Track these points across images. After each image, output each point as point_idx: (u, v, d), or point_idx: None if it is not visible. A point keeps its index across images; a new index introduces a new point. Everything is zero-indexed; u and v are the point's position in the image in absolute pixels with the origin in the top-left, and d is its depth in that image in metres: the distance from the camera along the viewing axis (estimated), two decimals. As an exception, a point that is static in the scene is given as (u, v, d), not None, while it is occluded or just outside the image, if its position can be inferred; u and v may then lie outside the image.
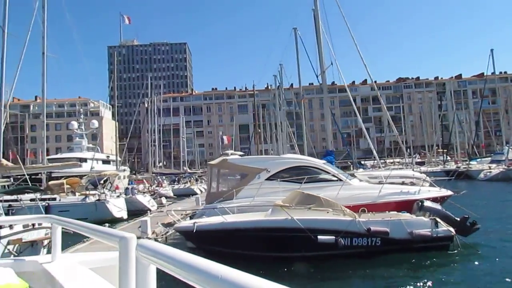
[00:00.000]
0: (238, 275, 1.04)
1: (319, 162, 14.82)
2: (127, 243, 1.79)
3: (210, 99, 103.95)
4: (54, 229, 3.27)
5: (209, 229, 11.01)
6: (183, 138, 68.22)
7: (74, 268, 2.99)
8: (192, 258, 1.25)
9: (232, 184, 14.84)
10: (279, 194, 13.61)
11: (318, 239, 10.56)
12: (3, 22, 25.03)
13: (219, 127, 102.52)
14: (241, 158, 15.73)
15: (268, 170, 14.17)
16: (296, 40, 32.30)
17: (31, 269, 3.10)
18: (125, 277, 1.77)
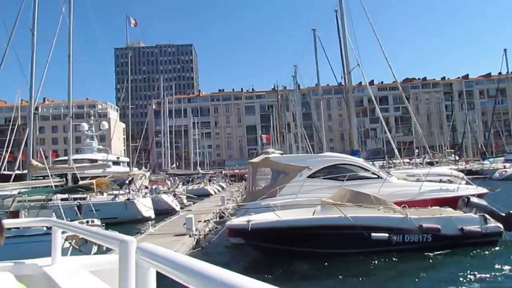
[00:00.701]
0: (237, 278, 1.04)
1: (359, 160, 15.16)
2: (126, 246, 1.79)
3: (217, 100, 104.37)
4: (54, 232, 3.21)
5: (264, 226, 11.25)
6: (194, 137, 68.49)
7: (74, 271, 2.94)
8: (192, 261, 1.25)
9: (272, 182, 15.12)
10: (322, 191, 13.90)
11: (372, 236, 10.83)
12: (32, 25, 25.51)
13: (227, 128, 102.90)
14: (282, 156, 16.05)
15: (310, 168, 14.45)
16: (314, 41, 32.69)
17: (31, 272, 3.04)
18: (125, 280, 1.77)
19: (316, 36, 32.52)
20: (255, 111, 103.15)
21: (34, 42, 25.61)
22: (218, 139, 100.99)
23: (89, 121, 69.90)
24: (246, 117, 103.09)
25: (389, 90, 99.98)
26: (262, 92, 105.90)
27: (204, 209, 23.29)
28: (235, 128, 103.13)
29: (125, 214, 22.48)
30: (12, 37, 26.35)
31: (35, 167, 25.32)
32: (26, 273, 3.01)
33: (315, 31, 32.88)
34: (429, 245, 11.06)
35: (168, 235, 14.53)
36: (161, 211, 25.65)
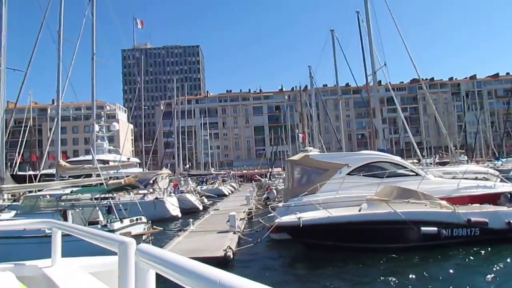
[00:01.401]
0: (237, 280, 1.04)
1: (397, 158, 15.47)
2: (126, 248, 1.80)
3: (225, 101, 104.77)
4: (54, 233, 3.22)
5: (316, 223, 11.57)
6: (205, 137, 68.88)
7: (73, 272, 2.96)
8: (191, 263, 1.25)
9: (310, 179, 15.43)
10: (361, 188, 14.21)
11: (422, 231, 11.14)
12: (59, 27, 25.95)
13: (234, 129, 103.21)
14: (322, 154, 16.38)
15: (349, 165, 14.77)
16: (333, 42, 32.99)
17: (31, 273, 3.07)
18: (125, 282, 1.77)
19: (334, 37, 32.81)
20: (263, 112, 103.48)
21: (60, 44, 26.04)
22: (226, 139, 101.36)
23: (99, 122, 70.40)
24: (254, 117, 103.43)
25: (397, 91, 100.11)
26: (269, 93, 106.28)
27: (232, 208, 23.63)
28: (243, 128, 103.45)
29: (154, 213, 22.77)
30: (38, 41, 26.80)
31: (63, 167, 25.72)
32: (26, 274, 3.04)
33: (333, 31, 33.21)
34: (477, 239, 11.36)
35: (211, 232, 14.88)
36: (186, 210, 26.01)
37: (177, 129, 67.38)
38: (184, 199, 27.22)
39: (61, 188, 16.19)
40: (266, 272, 10.96)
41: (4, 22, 16.04)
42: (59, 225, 3.25)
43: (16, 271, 2.94)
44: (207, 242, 13.01)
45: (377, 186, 13.89)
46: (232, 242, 12.69)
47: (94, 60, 29.95)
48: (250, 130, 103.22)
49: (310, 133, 74.76)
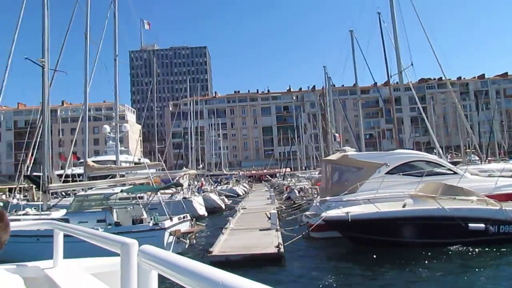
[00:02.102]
0: (239, 281, 1.05)
1: (434, 157, 15.69)
2: (128, 249, 1.80)
3: (233, 102, 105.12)
4: (56, 234, 3.21)
5: (365, 218, 11.84)
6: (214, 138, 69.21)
7: (75, 273, 2.95)
8: (193, 264, 1.25)
9: (348, 179, 15.68)
10: (401, 187, 14.45)
11: (469, 227, 11.38)
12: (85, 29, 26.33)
13: (243, 129, 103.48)
14: (360, 153, 16.64)
15: (388, 164, 15.03)
16: (352, 42, 33.19)
17: (33, 274, 3.06)
18: (127, 283, 1.77)
19: (353, 37, 33.01)
20: (271, 112, 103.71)
21: (87, 45, 26.43)
22: (234, 140, 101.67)
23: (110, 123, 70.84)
24: (262, 118, 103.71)
25: (405, 91, 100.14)
26: (277, 93, 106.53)
27: (258, 207, 23.95)
28: (251, 129, 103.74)
29: (182, 212, 23.14)
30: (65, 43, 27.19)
31: (91, 167, 26.08)
32: (28, 275, 3.02)
33: (352, 32, 33.40)
34: (523, 236, 11.59)
35: (252, 230, 15.17)
36: (210, 209, 26.33)
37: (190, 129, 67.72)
38: (209, 199, 27.54)
39: (108, 187, 16.49)
40: (319, 268, 11.25)
41: (46, 25, 16.37)
42: (60, 226, 3.20)
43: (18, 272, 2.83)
44: (253, 239, 13.29)
45: (416, 185, 14.14)
46: (278, 239, 12.96)
47: (116, 62, 30.29)
48: (259, 130, 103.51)
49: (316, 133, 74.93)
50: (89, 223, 13.03)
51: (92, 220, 13.11)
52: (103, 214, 13.25)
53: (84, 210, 13.82)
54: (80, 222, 13.06)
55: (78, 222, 13.10)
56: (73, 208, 13.99)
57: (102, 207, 13.96)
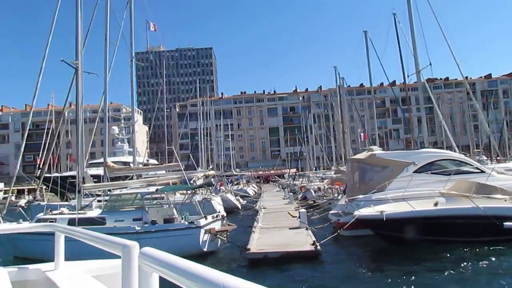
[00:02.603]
0: (240, 283, 1.05)
1: (461, 155, 15.80)
2: (129, 251, 1.79)
3: (239, 102, 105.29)
4: (57, 237, 3.20)
5: (399, 217, 11.98)
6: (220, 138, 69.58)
7: (77, 276, 2.96)
8: (194, 266, 1.25)
9: (375, 178, 15.82)
10: (428, 185, 14.58)
11: (504, 225, 11.50)
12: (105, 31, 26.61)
13: (249, 130, 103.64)
14: (388, 152, 16.81)
15: (415, 163, 15.17)
16: (366, 43, 33.39)
17: (34, 277, 3.07)
18: (128, 285, 1.77)
19: (367, 38, 33.21)
20: (278, 113, 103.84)
21: (107, 47, 26.70)
22: (241, 141, 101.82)
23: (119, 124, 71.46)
24: (269, 119, 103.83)
25: (411, 91, 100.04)
26: (284, 94, 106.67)
27: (278, 207, 24.12)
28: (258, 130, 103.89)
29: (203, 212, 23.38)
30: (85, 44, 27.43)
31: (112, 168, 26.35)
32: (29, 278, 3.08)
33: (366, 33, 33.60)
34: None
35: (282, 228, 15.35)
36: (227, 209, 26.50)
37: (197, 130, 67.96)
38: (226, 199, 27.72)
39: (140, 187, 16.70)
40: (356, 265, 11.40)
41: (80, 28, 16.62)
42: (62, 228, 3.19)
43: (19, 275, 3.01)
44: (286, 237, 13.46)
45: (444, 184, 14.27)
46: (312, 237, 13.12)
47: (133, 63, 30.57)
48: (265, 131, 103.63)
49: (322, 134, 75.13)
50: (125, 221, 13.25)
51: (128, 219, 13.33)
52: (139, 213, 13.45)
53: (118, 209, 14.03)
54: (116, 221, 13.30)
55: (114, 220, 13.35)
56: (107, 207, 14.21)
57: (135, 206, 14.17)
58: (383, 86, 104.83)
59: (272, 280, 10.36)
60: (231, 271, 11.40)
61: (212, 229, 13.16)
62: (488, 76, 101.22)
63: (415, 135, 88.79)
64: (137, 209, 13.75)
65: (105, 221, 13.27)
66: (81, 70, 16.42)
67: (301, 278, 10.38)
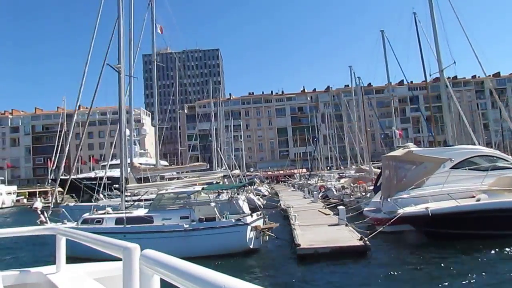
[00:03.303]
0: (241, 285, 1.04)
1: (497, 151, 15.98)
2: (130, 254, 1.79)
3: (248, 103, 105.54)
4: (59, 240, 3.19)
5: (445, 212, 12.19)
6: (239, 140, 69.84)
7: (78, 278, 2.96)
8: (195, 268, 1.25)
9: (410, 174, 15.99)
10: (465, 182, 14.78)
11: None
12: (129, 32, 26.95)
13: (258, 130, 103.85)
14: (424, 149, 17.06)
15: (452, 159, 15.36)
16: (383, 42, 33.56)
17: (36, 280, 3.07)
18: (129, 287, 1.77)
19: (384, 37, 33.37)
20: (286, 113, 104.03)
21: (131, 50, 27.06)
22: (250, 141, 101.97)
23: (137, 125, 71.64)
24: (277, 119, 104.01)
25: (419, 90, 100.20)
26: (292, 94, 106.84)
27: (302, 205, 24.35)
28: (266, 130, 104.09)
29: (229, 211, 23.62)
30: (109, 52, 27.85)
31: (138, 168, 26.70)
32: (31, 281, 3.06)
33: (383, 32, 33.76)
34: None
35: (321, 225, 15.60)
36: (250, 209, 26.74)
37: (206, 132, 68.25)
38: (249, 198, 27.91)
39: (182, 187, 16.96)
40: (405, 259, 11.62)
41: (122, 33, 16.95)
42: (63, 231, 3.18)
43: (21, 278, 3.00)
44: (329, 233, 13.70)
45: (482, 179, 14.45)
46: (355, 233, 13.33)
47: (155, 64, 30.96)
48: (274, 131, 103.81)
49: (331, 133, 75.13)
50: (172, 219, 13.52)
51: (175, 217, 13.60)
52: (186, 211, 13.72)
53: (165, 208, 14.31)
54: (164, 219, 13.57)
55: (161, 219, 13.62)
56: (154, 206, 14.49)
57: (179, 205, 14.45)
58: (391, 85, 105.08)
59: (324, 274, 10.60)
60: (282, 266, 11.65)
61: (258, 226, 13.40)
62: (497, 75, 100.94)
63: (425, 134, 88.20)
64: (184, 208, 14.01)
65: (153, 219, 13.54)
66: (123, 73, 16.76)
67: (353, 272, 10.63)
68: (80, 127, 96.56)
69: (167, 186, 17.22)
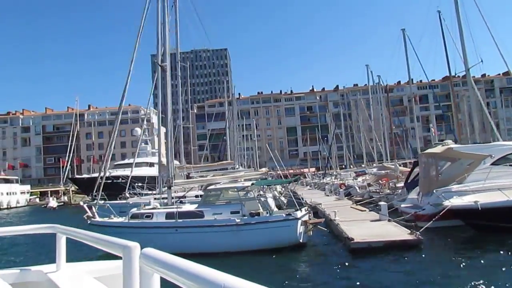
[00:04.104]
0: (241, 283, 1.04)
1: (537, 148, 16.18)
2: (130, 252, 1.79)
3: (257, 103, 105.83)
4: (59, 238, 3.18)
5: (495, 206, 12.40)
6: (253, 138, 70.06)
7: (78, 277, 2.95)
8: (195, 266, 1.25)
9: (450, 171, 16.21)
10: (507, 177, 14.96)
11: None
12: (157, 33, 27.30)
13: (267, 130, 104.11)
14: (464, 146, 17.22)
15: (493, 156, 15.56)
16: (404, 41, 33.71)
17: (36, 279, 3.06)
18: (129, 286, 1.76)
19: (405, 36, 33.55)
20: (295, 113, 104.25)
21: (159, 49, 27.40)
22: (259, 141, 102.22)
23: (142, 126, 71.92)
24: (286, 118, 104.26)
25: (429, 88, 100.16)
26: (301, 93, 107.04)
27: (331, 203, 24.53)
28: (276, 130, 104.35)
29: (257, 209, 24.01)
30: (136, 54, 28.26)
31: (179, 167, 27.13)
32: (31, 279, 3.05)
33: (404, 31, 33.93)
34: None
35: (363, 221, 15.82)
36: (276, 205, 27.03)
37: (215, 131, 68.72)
38: (274, 195, 28.21)
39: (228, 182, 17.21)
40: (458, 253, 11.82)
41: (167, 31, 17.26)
42: (63, 230, 3.16)
43: (21, 277, 3.01)
44: (375, 228, 13.94)
45: (523, 175, 14.64)
46: (401, 228, 13.56)
47: (179, 64, 31.36)
48: (283, 131, 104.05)
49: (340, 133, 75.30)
50: (223, 214, 13.81)
51: (226, 212, 13.88)
52: (237, 206, 14.00)
53: (214, 202, 14.61)
54: (214, 214, 13.85)
55: (212, 214, 13.90)
56: (203, 201, 14.80)
57: (225, 200, 14.75)
58: (400, 84, 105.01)
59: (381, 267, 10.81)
60: (336, 260, 11.89)
61: (308, 221, 13.66)
62: (506, 73, 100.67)
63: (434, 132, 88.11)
64: (234, 203, 14.30)
65: (203, 214, 13.83)
66: (169, 71, 17.10)
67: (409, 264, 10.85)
68: (92, 127, 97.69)
69: (212, 182, 17.50)
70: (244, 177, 18.54)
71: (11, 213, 54.91)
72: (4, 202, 65.04)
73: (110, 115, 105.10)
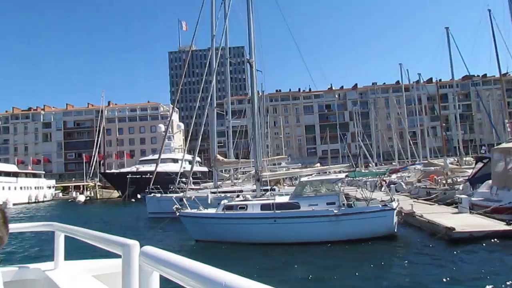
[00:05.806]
0: (242, 281, 1.04)
1: None
2: (130, 250, 1.78)
3: (275, 100, 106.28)
4: (57, 236, 3.16)
5: None
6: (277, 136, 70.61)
7: (77, 275, 2.93)
8: (195, 264, 1.24)
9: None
10: None
11: None
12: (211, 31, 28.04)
13: (285, 128, 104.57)
14: None
15: None
16: (448, 39, 34.23)
17: (34, 276, 3.04)
18: (128, 284, 1.75)
19: (449, 34, 34.07)
20: (313, 111, 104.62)
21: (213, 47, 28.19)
22: (277, 139, 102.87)
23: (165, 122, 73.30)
24: (305, 116, 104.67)
25: (449, 88, 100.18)
26: (319, 92, 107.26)
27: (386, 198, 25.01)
28: (294, 128, 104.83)
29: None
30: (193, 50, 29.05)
31: (221, 161, 27.86)
32: (29, 277, 3.02)
33: (448, 29, 34.46)
34: None
35: (444, 213, 16.36)
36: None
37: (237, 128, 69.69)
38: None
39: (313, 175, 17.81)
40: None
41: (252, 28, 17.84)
42: (61, 228, 3.13)
43: (19, 274, 2.98)
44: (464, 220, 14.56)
45: None
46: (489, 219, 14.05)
47: (228, 61, 32.14)
48: (301, 129, 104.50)
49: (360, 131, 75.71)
50: (319, 205, 14.38)
51: (322, 203, 14.44)
52: (333, 198, 14.55)
53: (308, 194, 15.19)
54: (310, 205, 14.44)
55: (308, 205, 14.48)
56: (297, 193, 15.39)
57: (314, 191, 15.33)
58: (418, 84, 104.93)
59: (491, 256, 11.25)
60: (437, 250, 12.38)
61: (403, 211, 14.23)
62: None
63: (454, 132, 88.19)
64: (330, 194, 14.87)
65: (299, 205, 14.41)
66: (254, 67, 17.75)
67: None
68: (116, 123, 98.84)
69: (303, 174, 18.08)
70: (331, 169, 19.09)
71: (42, 207, 55.90)
72: (32, 196, 66.24)
73: (130, 111, 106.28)
